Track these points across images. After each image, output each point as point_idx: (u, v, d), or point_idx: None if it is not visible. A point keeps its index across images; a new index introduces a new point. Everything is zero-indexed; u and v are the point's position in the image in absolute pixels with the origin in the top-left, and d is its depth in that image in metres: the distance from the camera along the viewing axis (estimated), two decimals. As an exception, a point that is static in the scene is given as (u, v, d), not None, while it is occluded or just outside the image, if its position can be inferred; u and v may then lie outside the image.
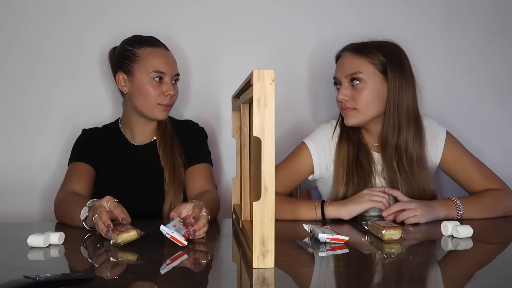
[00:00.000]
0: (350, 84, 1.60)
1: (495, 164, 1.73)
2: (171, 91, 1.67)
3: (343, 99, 1.60)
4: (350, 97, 1.60)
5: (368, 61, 1.59)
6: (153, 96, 1.65)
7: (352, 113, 1.61)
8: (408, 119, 1.59)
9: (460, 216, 1.51)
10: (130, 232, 1.19)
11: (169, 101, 1.68)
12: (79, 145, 1.74)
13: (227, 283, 1.01)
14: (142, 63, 1.66)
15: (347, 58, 1.63)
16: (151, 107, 1.66)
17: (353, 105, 1.60)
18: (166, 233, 1.18)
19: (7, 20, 1.93)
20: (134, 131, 1.74)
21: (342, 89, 1.61)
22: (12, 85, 1.95)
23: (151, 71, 1.65)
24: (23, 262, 1.11)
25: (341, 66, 1.64)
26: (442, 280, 1.02)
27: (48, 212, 1.84)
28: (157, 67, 1.65)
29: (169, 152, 1.69)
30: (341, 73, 1.63)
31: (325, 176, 1.68)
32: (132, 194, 1.65)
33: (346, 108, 1.61)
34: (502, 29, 2.12)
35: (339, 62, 1.66)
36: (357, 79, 1.59)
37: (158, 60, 1.67)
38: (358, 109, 1.60)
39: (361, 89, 1.59)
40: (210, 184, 1.68)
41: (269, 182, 0.99)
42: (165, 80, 1.67)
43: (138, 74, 1.66)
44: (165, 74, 1.67)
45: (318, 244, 1.22)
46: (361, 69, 1.59)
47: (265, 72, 0.98)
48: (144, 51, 1.67)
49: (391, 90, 1.59)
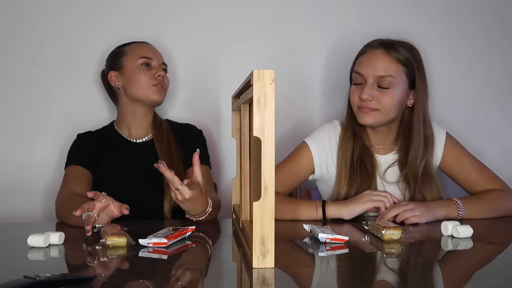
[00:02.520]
0: (376, 84, 1.56)
1: (495, 164, 1.73)
2: (160, 72, 1.74)
3: (368, 99, 1.55)
4: (374, 98, 1.56)
5: (402, 68, 1.56)
6: (144, 80, 1.72)
7: (373, 113, 1.57)
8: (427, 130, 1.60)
9: (461, 216, 1.51)
10: (120, 238, 1.18)
11: (161, 83, 1.74)
12: (74, 149, 1.75)
13: (227, 283, 1.01)
14: (129, 55, 1.75)
15: (382, 57, 1.56)
16: (146, 90, 1.72)
17: (376, 106, 1.56)
18: (147, 243, 1.18)
19: (7, 20, 1.93)
20: (131, 125, 1.76)
21: (368, 88, 1.55)
22: (12, 85, 1.95)
23: (138, 58, 1.73)
24: (23, 262, 1.11)
25: (372, 64, 1.56)
26: (442, 280, 1.02)
27: (49, 212, 1.84)
28: (143, 53, 1.74)
29: (166, 148, 1.71)
30: (370, 71, 1.56)
31: (325, 177, 1.68)
32: (132, 191, 1.66)
33: (368, 107, 1.56)
34: (502, 29, 2.12)
35: (370, 58, 1.58)
36: (388, 82, 1.55)
37: (143, 49, 1.76)
38: (381, 111, 1.56)
39: (389, 93, 1.55)
40: (209, 186, 1.69)
41: (269, 182, 0.99)
42: (153, 65, 1.75)
43: (127, 64, 1.74)
44: (151, 59, 1.75)
45: (318, 244, 1.22)
46: (395, 74, 1.55)
47: (265, 72, 0.98)
48: (130, 46, 1.78)
49: (419, 102, 1.58)
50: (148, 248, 1.17)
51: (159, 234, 1.23)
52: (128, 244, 1.19)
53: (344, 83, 1.73)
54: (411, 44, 1.63)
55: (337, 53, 2.02)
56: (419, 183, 1.59)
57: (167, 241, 1.18)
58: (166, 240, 1.18)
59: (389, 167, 1.64)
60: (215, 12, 2.01)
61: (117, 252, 1.16)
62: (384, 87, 1.55)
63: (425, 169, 1.61)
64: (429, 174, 1.61)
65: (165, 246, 1.18)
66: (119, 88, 1.75)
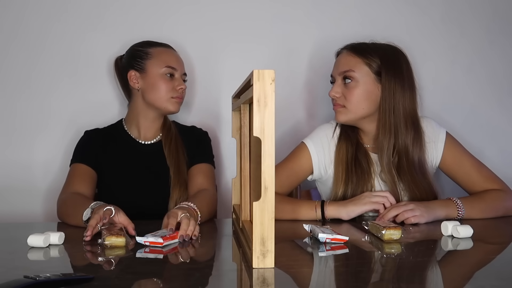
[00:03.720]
0: (343, 82, 1.63)
1: (495, 164, 1.73)
2: (182, 85, 1.74)
3: (334, 95, 1.64)
4: (341, 95, 1.63)
5: (363, 61, 1.61)
6: (165, 91, 1.71)
7: (341, 110, 1.64)
8: (406, 123, 1.59)
9: (461, 216, 1.51)
10: (119, 238, 1.18)
11: (181, 95, 1.75)
12: (81, 146, 1.74)
13: (227, 283, 1.01)
14: (155, 60, 1.72)
15: (344, 56, 1.66)
16: (165, 101, 1.72)
17: (343, 102, 1.63)
18: (144, 241, 1.18)
19: (7, 20, 1.93)
20: (141, 127, 1.76)
21: (335, 86, 1.65)
22: (12, 85, 1.94)
23: (163, 66, 1.72)
24: (23, 262, 1.11)
25: (337, 64, 1.67)
26: (442, 280, 1.02)
27: (50, 212, 1.84)
28: (169, 62, 1.73)
29: (174, 151, 1.72)
30: (335, 70, 1.67)
31: (324, 177, 1.68)
32: (137, 191, 1.67)
33: (337, 104, 1.65)
34: (502, 29, 2.12)
35: (337, 59, 1.69)
36: (349, 77, 1.61)
37: (170, 57, 1.75)
38: (347, 107, 1.62)
39: (352, 88, 1.61)
40: (209, 183, 1.69)
41: (269, 182, 0.99)
42: (176, 76, 1.74)
43: (151, 69, 1.72)
44: (176, 70, 1.74)
45: (318, 244, 1.22)
46: (355, 68, 1.61)
47: (265, 72, 0.98)
48: (155, 49, 1.75)
49: (385, 93, 1.59)
50: (145, 248, 1.17)
51: (157, 233, 1.23)
52: (127, 244, 1.19)
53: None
54: (389, 44, 1.66)
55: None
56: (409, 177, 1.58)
57: (163, 241, 1.18)
58: (163, 240, 1.18)
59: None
60: (215, 12, 2.01)
61: (116, 252, 1.16)
62: (348, 83, 1.61)
63: (412, 159, 1.59)
64: (421, 168, 1.60)
65: (161, 246, 1.18)
66: (138, 90, 1.74)
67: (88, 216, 1.36)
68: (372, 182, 1.61)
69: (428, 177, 1.61)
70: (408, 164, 1.59)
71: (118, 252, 1.16)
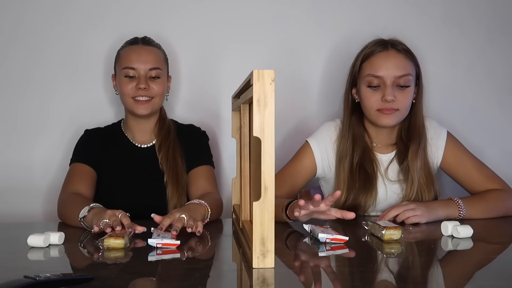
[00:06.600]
0: (396, 85, 1.57)
1: (495, 164, 1.73)
2: (141, 84, 1.64)
3: (393, 100, 1.55)
4: (396, 98, 1.56)
5: (412, 64, 1.61)
6: (126, 92, 1.66)
7: (395, 113, 1.58)
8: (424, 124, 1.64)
9: (462, 216, 1.51)
10: (117, 240, 1.18)
11: (144, 95, 1.65)
12: (81, 146, 1.73)
13: (227, 283, 1.01)
14: (118, 62, 1.72)
15: (397, 58, 1.58)
16: (130, 104, 1.68)
17: (397, 106, 1.57)
18: (157, 243, 1.18)
19: (7, 20, 1.93)
20: (133, 130, 1.75)
21: (390, 89, 1.55)
22: (12, 85, 1.95)
23: (122, 68, 1.68)
24: (23, 262, 1.11)
25: (390, 65, 1.57)
26: (442, 280, 1.02)
27: (50, 212, 1.84)
28: (126, 63, 1.67)
29: (170, 158, 1.68)
30: (389, 72, 1.56)
31: (328, 175, 1.68)
32: (134, 194, 1.66)
33: (391, 109, 1.57)
34: (502, 29, 2.12)
35: (384, 59, 1.58)
36: (406, 81, 1.57)
37: (129, 56, 1.68)
38: (401, 110, 1.59)
39: (408, 91, 1.58)
40: (212, 185, 1.68)
41: (269, 182, 0.99)
42: (137, 76, 1.66)
43: (117, 72, 1.72)
44: (135, 69, 1.66)
45: (318, 244, 1.22)
46: (411, 71, 1.59)
47: (265, 72, 0.98)
48: (122, 50, 1.73)
49: (419, 95, 1.63)
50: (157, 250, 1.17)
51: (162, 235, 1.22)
52: (126, 246, 1.19)
53: (345, 83, 1.72)
54: None
55: (337, 53, 2.02)
56: (420, 179, 1.60)
57: (178, 242, 1.18)
58: (178, 241, 1.18)
59: (390, 163, 1.64)
60: (215, 12, 2.01)
61: (116, 253, 1.16)
62: (404, 86, 1.57)
63: (424, 165, 1.62)
64: (428, 172, 1.62)
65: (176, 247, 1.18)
66: (117, 94, 1.74)
67: (84, 214, 1.35)
68: (376, 186, 1.61)
69: (432, 177, 1.63)
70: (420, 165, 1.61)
71: (119, 253, 1.16)
